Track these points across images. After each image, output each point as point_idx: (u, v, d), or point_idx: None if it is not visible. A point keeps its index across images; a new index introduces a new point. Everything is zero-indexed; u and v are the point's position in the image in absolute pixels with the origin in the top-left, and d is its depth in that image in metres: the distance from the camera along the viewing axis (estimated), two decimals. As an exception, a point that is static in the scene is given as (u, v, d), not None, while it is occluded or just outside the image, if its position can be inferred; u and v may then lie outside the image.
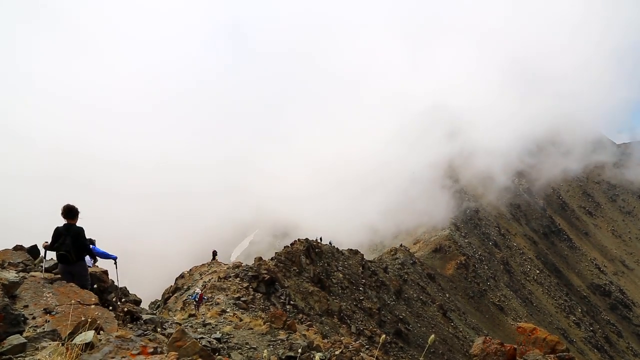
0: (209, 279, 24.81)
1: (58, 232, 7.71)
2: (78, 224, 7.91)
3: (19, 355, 4.86)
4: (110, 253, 9.39)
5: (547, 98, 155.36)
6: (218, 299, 20.98)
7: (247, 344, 13.29)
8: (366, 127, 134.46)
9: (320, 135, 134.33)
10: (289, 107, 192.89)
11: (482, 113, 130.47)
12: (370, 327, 32.60)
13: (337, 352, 13.39)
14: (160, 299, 26.91)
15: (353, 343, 18.29)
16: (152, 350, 4.99)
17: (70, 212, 7.74)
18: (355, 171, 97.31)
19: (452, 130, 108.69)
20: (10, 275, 7.29)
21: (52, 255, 8.31)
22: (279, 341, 13.68)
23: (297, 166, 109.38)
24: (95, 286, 8.31)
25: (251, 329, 14.62)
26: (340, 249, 42.26)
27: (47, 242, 7.81)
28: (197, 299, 19.25)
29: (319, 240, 41.69)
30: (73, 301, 6.91)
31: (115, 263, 9.57)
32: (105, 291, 9.70)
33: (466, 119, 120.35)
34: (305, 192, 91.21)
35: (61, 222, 7.76)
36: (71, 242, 7.69)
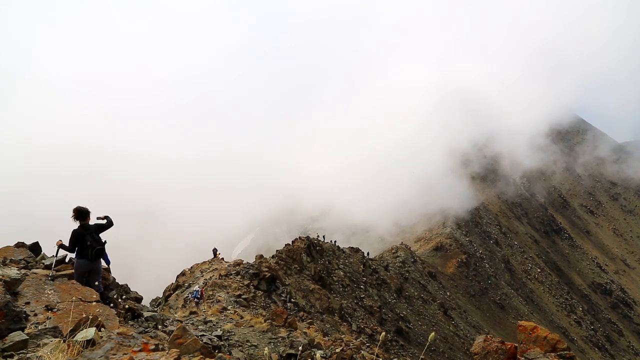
0: (210, 277, 24.83)
1: (80, 233, 7.84)
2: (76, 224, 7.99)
3: (21, 351, 4.88)
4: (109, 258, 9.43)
5: (556, 97, 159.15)
6: (219, 296, 21.00)
7: (248, 341, 13.32)
8: (392, 117, 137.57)
9: (349, 129, 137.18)
10: (316, 102, 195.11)
11: (503, 99, 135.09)
12: (371, 325, 32.63)
13: (337, 350, 13.40)
14: (161, 296, 26.96)
15: (354, 341, 18.30)
16: (153, 347, 4.99)
17: (82, 214, 7.94)
18: (383, 162, 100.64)
19: (475, 117, 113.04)
20: (12, 272, 7.31)
21: (63, 253, 8.35)
22: (280, 339, 13.71)
23: (329, 161, 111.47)
24: (97, 284, 8.32)
25: (252, 326, 14.64)
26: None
27: (61, 241, 7.87)
28: (198, 297, 19.34)
29: (320, 239, 41.73)
30: (74, 298, 6.92)
31: (109, 268, 9.61)
32: (107, 288, 9.71)
33: (489, 105, 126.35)
34: (338, 185, 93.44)
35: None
36: (98, 238, 8.04)
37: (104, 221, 8.29)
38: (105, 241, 8.32)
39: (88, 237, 7.83)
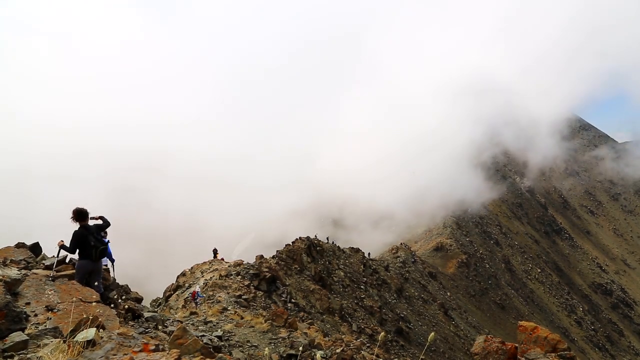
0: (210, 277, 24.82)
1: (82, 234, 7.84)
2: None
3: (21, 352, 4.88)
4: (112, 255, 9.44)
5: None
6: (219, 297, 20.98)
7: (248, 341, 13.32)
8: (414, 109, 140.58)
9: (376, 124, 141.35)
10: (342, 96, 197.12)
11: (508, 95, 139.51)
12: (371, 325, 32.62)
13: (338, 350, 13.39)
14: (161, 296, 26.95)
15: (354, 341, 18.31)
16: (153, 347, 4.99)
17: (81, 214, 7.94)
18: (408, 156, 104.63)
19: (489, 110, 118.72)
20: (13, 272, 7.31)
21: (63, 254, 8.36)
22: (280, 339, 13.71)
23: (357, 156, 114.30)
24: (97, 284, 8.33)
25: (252, 327, 14.65)
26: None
27: (62, 241, 7.88)
28: (190, 298, 19.71)
29: (321, 239, 41.70)
30: (74, 299, 6.92)
31: (113, 265, 9.64)
32: (107, 289, 9.71)
33: (498, 99, 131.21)
34: (364, 178, 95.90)
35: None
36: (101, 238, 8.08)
37: (100, 221, 8.30)
38: (108, 240, 8.32)
39: (91, 238, 7.83)
